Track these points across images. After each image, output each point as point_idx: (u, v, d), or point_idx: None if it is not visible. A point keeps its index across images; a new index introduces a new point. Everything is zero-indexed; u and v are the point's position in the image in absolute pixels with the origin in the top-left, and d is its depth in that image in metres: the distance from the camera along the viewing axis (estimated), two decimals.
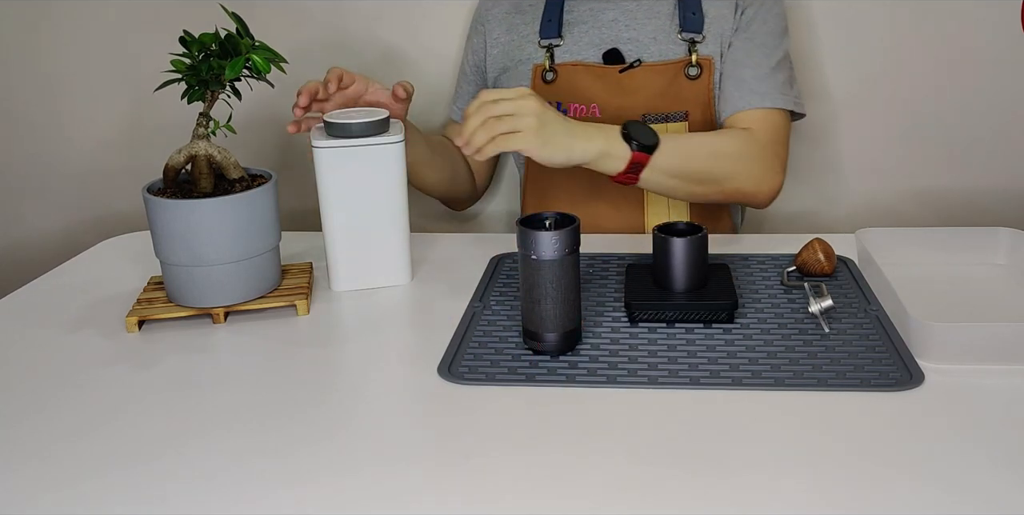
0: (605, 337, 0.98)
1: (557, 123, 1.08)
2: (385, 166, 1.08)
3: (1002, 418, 0.81)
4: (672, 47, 1.32)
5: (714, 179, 1.20)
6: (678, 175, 1.17)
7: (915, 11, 1.50)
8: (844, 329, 0.97)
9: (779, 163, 1.26)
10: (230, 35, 1.02)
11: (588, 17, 1.35)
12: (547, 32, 1.36)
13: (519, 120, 1.05)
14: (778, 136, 1.28)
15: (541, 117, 1.06)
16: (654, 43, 1.32)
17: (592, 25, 1.35)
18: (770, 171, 1.24)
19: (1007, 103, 1.54)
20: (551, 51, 1.35)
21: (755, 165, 1.23)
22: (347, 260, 1.11)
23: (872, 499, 0.70)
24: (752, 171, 1.23)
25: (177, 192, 1.05)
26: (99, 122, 1.68)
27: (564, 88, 1.34)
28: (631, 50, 1.33)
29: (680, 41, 1.32)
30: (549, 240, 0.90)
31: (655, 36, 1.32)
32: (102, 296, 1.13)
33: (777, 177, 1.25)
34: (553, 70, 1.34)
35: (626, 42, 1.33)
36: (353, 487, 0.74)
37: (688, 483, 0.73)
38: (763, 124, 1.27)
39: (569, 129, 1.09)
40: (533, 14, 1.38)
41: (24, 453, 0.80)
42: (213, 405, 0.88)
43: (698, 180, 1.19)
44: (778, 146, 1.27)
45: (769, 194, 1.25)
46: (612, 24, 1.34)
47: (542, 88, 1.34)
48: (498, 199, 1.66)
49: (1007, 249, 1.12)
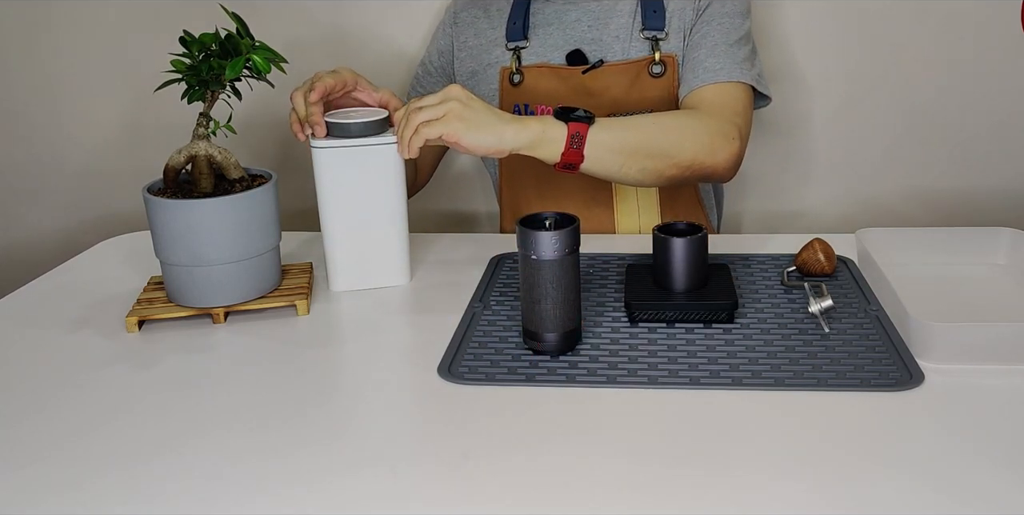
0: (605, 337, 0.98)
1: (485, 110, 1.06)
2: (384, 166, 1.08)
3: (1002, 418, 0.81)
4: (635, 46, 1.31)
5: (664, 152, 1.13)
6: (623, 150, 1.11)
7: (915, 11, 1.50)
8: (844, 329, 0.97)
9: (735, 130, 1.18)
10: (230, 35, 1.02)
11: (553, 19, 1.35)
12: (513, 35, 1.36)
13: (440, 107, 1.04)
14: (735, 106, 1.22)
15: (465, 103, 1.05)
16: (617, 42, 1.32)
17: (557, 27, 1.34)
18: (723, 138, 1.17)
19: (1007, 103, 1.54)
20: (518, 53, 1.35)
21: (704, 134, 1.16)
22: (346, 260, 1.11)
23: (872, 499, 0.70)
24: (702, 140, 1.15)
25: (177, 192, 1.05)
26: (99, 122, 1.68)
27: (530, 90, 1.34)
28: (595, 50, 1.32)
29: (643, 39, 1.31)
30: (549, 240, 0.90)
31: (618, 35, 1.32)
32: (102, 296, 1.13)
33: (733, 143, 1.17)
34: (520, 72, 1.34)
35: (589, 42, 1.33)
36: (353, 487, 0.74)
37: (688, 483, 0.73)
38: (717, 98, 1.23)
39: (499, 115, 1.07)
40: (500, 18, 1.38)
41: (24, 453, 0.80)
42: (213, 405, 0.88)
43: (646, 154, 1.12)
44: (734, 115, 1.21)
45: (727, 162, 1.18)
46: (575, 25, 1.33)
47: (509, 90, 1.35)
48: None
49: (1007, 249, 1.12)
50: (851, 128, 1.58)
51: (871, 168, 1.60)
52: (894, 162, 1.59)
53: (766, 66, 1.53)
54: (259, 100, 1.20)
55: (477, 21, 1.40)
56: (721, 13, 1.28)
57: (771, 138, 1.60)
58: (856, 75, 1.55)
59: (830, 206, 1.64)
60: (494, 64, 1.37)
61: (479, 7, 1.41)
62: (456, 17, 1.42)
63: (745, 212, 1.66)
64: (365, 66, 1.58)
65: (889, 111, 1.56)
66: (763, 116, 1.57)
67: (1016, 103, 1.54)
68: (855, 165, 1.60)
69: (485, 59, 1.38)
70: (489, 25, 1.39)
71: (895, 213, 1.62)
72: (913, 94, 1.55)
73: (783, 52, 1.54)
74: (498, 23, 1.38)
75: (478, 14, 1.41)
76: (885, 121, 1.57)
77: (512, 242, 1.01)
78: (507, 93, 1.35)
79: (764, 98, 1.30)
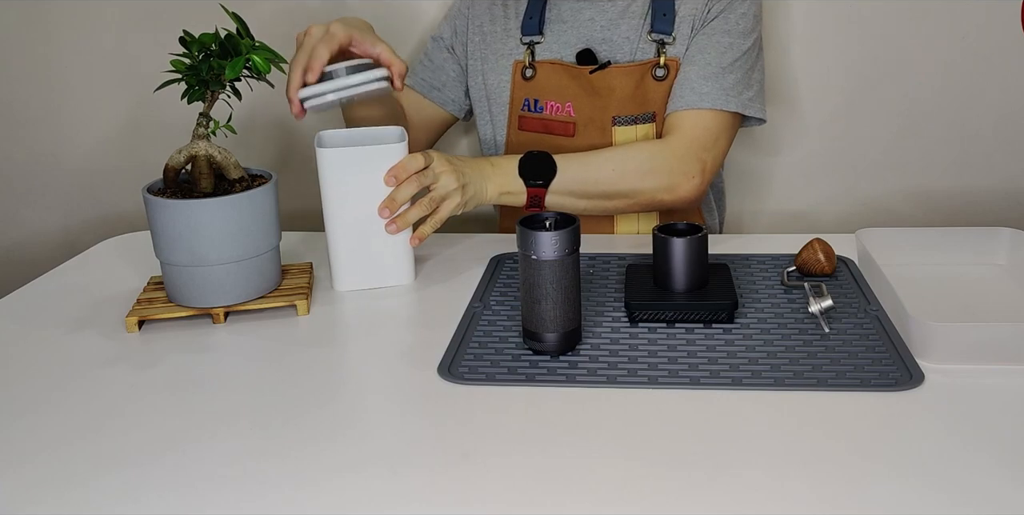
0: (605, 337, 0.98)
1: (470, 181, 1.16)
2: (388, 167, 1.08)
3: (1002, 418, 0.81)
4: (643, 48, 1.31)
5: (622, 194, 1.21)
6: (584, 196, 1.23)
7: (915, 11, 1.50)
8: (844, 329, 0.97)
9: (697, 167, 1.23)
10: (230, 35, 1.02)
11: (568, 16, 1.35)
12: (528, 29, 1.36)
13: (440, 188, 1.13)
14: (705, 140, 1.24)
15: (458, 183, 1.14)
16: (627, 43, 1.32)
17: (571, 24, 1.35)
18: (684, 177, 1.22)
19: (1007, 103, 1.54)
20: (532, 48, 1.35)
21: (664, 175, 1.22)
22: (351, 260, 1.11)
23: (872, 499, 0.70)
24: (661, 180, 1.22)
25: (177, 192, 1.05)
26: (99, 122, 1.68)
27: (542, 85, 1.34)
28: (605, 50, 1.33)
29: (650, 42, 1.31)
30: (549, 240, 0.90)
31: (628, 36, 1.32)
32: (102, 296, 1.13)
33: (692, 181, 1.23)
34: (532, 67, 1.34)
35: (600, 42, 1.33)
36: (353, 487, 0.74)
37: (688, 483, 0.73)
38: (692, 127, 1.25)
39: (480, 176, 1.18)
40: (516, 9, 1.38)
41: (24, 453, 0.80)
42: (213, 405, 0.88)
43: (606, 196, 1.21)
44: (703, 151, 1.24)
45: (687, 198, 1.24)
46: (589, 24, 1.34)
47: (521, 84, 1.35)
48: None
49: (1007, 249, 1.12)
50: (851, 128, 1.58)
51: (871, 168, 1.60)
52: (894, 162, 1.59)
53: (768, 68, 1.54)
54: (259, 100, 1.20)
55: (494, 7, 1.40)
56: (723, 30, 1.27)
57: (771, 138, 1.60)
58: (856, 75, 1.55)
59: (830, 206, 1.64)
60: (507, 56, 1.37)
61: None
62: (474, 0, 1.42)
63: (745, 212, 1.66)
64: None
65: (889, 111, 1.56)
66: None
67: (1016, 103, 1.54)
68: (855, 165, 1.60)
69: (499, 48, 1.38)
70: (504, 14, 1.39)
71: (895, 213, 1.62)
72: (913, 94, 1.55)
73: (784, 52, 1.54)
74: (514, 13, 1.38)
75: (496, 0, 1.41)
76: (885, 121, 1.57)
77: (512, 242, 1.01)
78: (518, 87, 1.36)
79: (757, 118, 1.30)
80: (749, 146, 1.61)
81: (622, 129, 1.31)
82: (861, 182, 1.61)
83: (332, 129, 1.13)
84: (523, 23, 1.37)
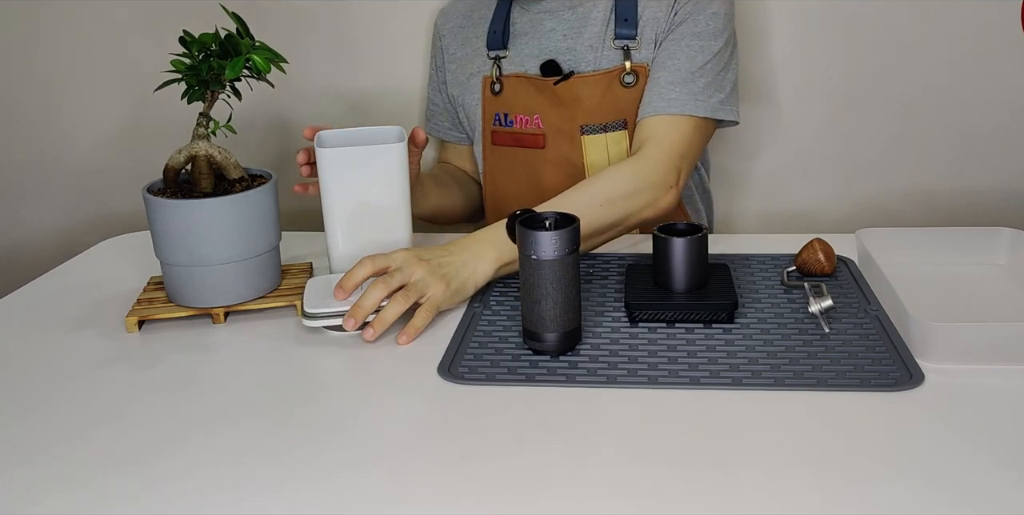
0: (605, 337, 0.98)
1: (447, 264, 1.04)
2: (387, 168, 1.08)
3: (1002, 418, 0.81)
4: (608, 55, 1.29)
5: (613, 224, 1.17)
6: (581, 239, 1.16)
7: (915, 11, 1.50)
8: (844, 329, 0.97)
9: (674, 176, 1.21)
10: (230, 35, 1.02)
11: (529, 28, 1.34)
12: (493, 43, 1.36)
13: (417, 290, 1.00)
14: (681, 146, 1.22)
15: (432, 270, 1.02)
16: (591, 52, 1.30)
17: (532, 36, 1.34)
18: (663, 189, 1.19)
19: (1007, 103, 1.54)
20: (498, 63, 1.35)
21: (647, 192, 1.18)
22: (350, 261, 1.11)
23: (872, 499, 0.70)
24: (645, 198, 1.18)
25: (177, 192, 1.05)
26: (99, 122, 1.68)
27: (510, 99, 1.34)
28: (569, 60, 1.31)
29: (615, 48, 1.29)
30: (549, 240, 0.90)
31: (591, 44, 1.30)
32: (102, 296, 1.13)
33: (671, 191, 1.20)
34: (500, 82, 1.34)
35: (564, 52, 1.32)
36: (353, 487, 0.74)
37: (688, 483, 0.73)
38: (665, 133, 1.22)
39: (461, 260, 1.05)
40: (483, 27, 1.38)
41: (24, 453, 0.80)
42: (213, 405, 0.88)
43: (599, 231, 1.16)
44: (679, 159, 1.22)
45: (667, 209, 1.21)
46: (550, 34, 1.33)
47: (491, 99, 1.35)
48: None
49: (1007, 249, 1.12)
50: (851, 128, 1.58)
51: (871, 168, 1.60)
52: (894, 162, 1.59)
53: (767, 66, 1.54)
54: (259, 100, 1.20)
55: (462, 30, 1.41)
56: (692, 33, 1.25)
57: (771, 137, 1.60)
58: (856, 74, 1.55)
59: (830, 206, 1.63)
60: (477, 74, 1.37)
61: (462, 15, 1.42)
62: (441, 31, 1.44)
63: (745, 212, 1.66)
64: (365, 65, 1.58)
65: (889, 110, 1.56)
66: (763, 116, 1.57)
67: (1016, 103, 1.54)
68: (855, 165, 1.60)
69: (469, 68, 1.38)
70: (473, 33, 1.39)
71: (895, 213, 1.62)
72: (913, 94, 1.55)
73: (783, 51, 1.54)
74: (480, 32, 1.38)
75: (462, 23, 1.41)
76: (885, 121, 1.57)
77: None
78: (489, 102, 1.36)
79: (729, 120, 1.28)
80: (749, 146, 1.61)
81: (591, 138, 1.30)
82: (861, 182, 1.61)
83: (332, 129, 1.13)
84: (488, 38, 1.36)
